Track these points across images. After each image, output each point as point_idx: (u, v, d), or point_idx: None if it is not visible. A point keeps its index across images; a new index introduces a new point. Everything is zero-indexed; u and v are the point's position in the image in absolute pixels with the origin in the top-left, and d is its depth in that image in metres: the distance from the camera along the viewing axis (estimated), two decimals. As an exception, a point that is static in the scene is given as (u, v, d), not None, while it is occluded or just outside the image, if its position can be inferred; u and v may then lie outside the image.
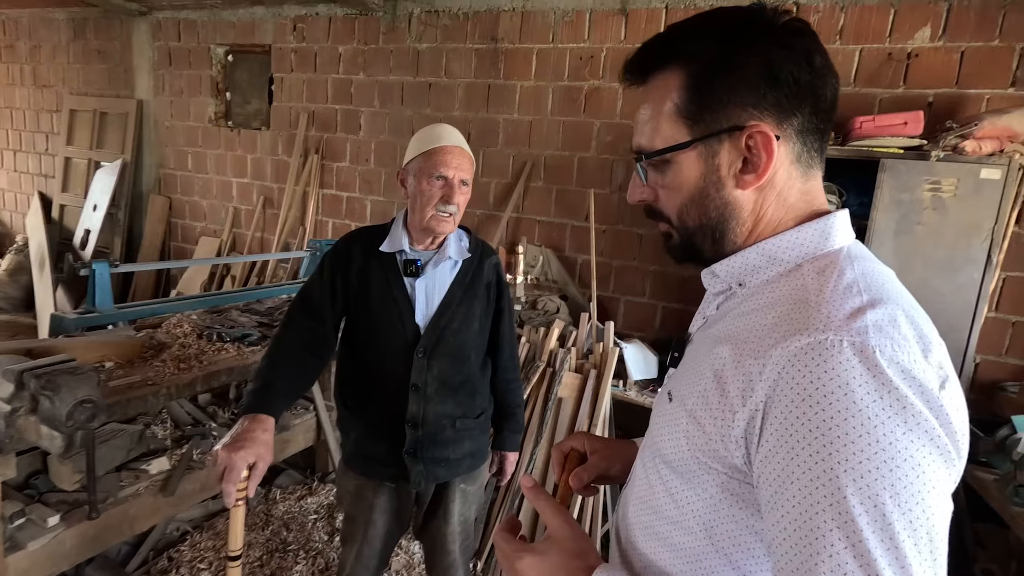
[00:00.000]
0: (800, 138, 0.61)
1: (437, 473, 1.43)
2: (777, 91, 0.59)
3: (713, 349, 0.61)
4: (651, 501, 0.68)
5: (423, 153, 1.34)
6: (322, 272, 1.40)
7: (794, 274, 0.61)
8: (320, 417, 2.50)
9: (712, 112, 0.61)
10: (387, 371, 1.38)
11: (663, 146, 0.64)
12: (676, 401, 0.65)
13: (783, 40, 0.59)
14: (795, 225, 0.63)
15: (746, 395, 0.55)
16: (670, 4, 2.89)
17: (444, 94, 3.47)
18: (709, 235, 0.66)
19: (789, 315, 0.56)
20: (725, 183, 0.63)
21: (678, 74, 0.62)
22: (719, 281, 0.69)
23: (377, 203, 3.79)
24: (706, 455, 0.59)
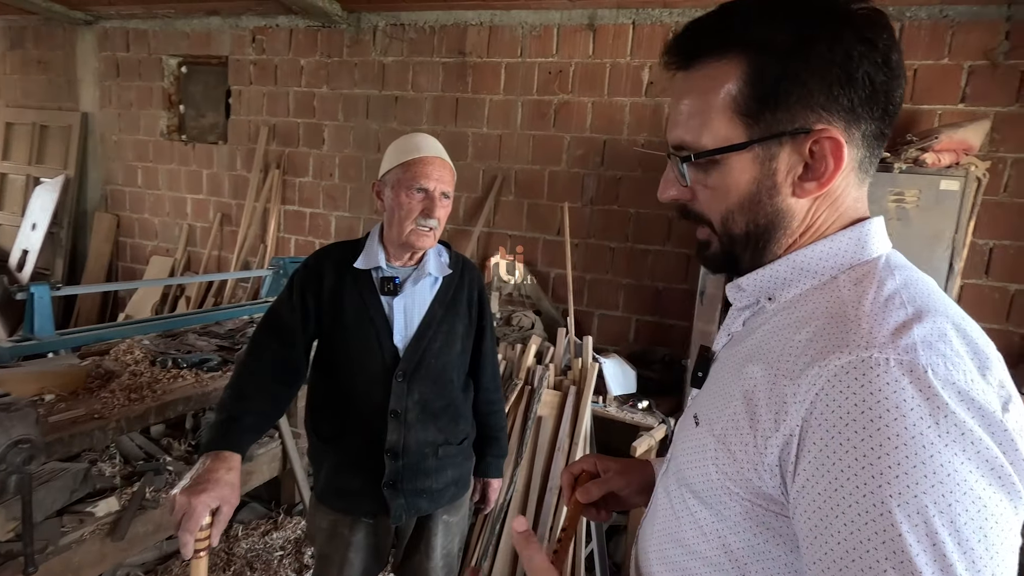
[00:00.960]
0: (866, 143, 0.55)
1: (419, 505, 1.34)
2: (852, 92, 0.52)
3: (742, 369, 0.57)
4: (676, 534, 0.63)
5: (402, 164, 1.26)
6: (291, 291, 1.31)
7: (829, 286, 0.56)
8: (286, 445, 2.35)
9: (776, 111, 0.54)
10: (364, 397, 1.29)
11: (715, 146, 0.56)
12: (703, 425, 0.60)
13: (863, 34, 0.52)
14: (833, 232, 0.58)
15: (779, 419, 0.50)
16: (637, 20, 2.92)
17: (411, 108, 3.41)
18: (752, 244, 0.59)
19: (825, 331, 0.51)
20: (781, 190, 0.56)
21: (738, 63, 0.54)
22: (745, 295, 0.63)
23: (342, 219, 3.67)
24: (737, 484, 0.54)
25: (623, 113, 3.01)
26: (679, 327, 3.02)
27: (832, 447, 0.46)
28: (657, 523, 0.67)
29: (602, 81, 3.02)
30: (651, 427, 2.23)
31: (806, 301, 0.57)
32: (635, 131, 3.00)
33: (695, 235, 0.66)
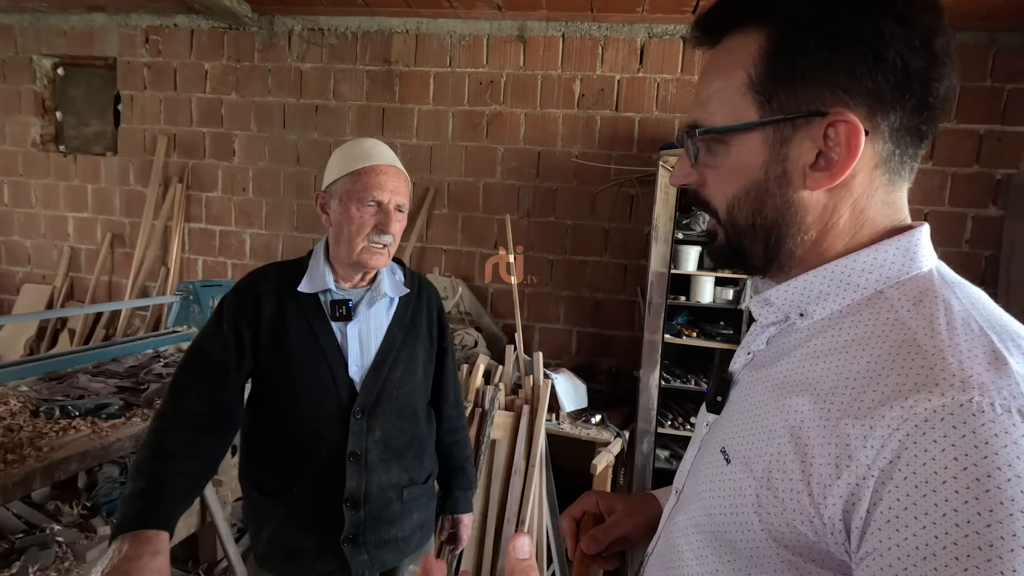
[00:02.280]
0: (894, 138, 0.49)
1: (384, 559, 1.18)
2: (879, 75, 0.46)
3: (784, 400, 0.49)
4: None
5: (351, 173, 1.12)
6: (220, 323, 1.11)
7: (876, 304, 0.49)
8: (205, 495, 2.06)
9: (791, 90, 0.48)
10: (316, 441, 1.12)
11: (723, 123, 0.51)
12: (736, 464, 0.51)
13: (902, 11, 0.46)
14: (871, 243, 0.51)
15: (841, 464, 0.42)
16: (567, 33, 2.93)
17: (333, 117, 3.20)
18: (761, 239, 0.53)
19: (895, 362, 0.44)
20: (791, 178, 0.50)
21: (757, 36, 0.49)
22: (773, 311, 0.56)
23: (258, 237, 3.36)
24: (787, 538, 0.46)
25: (556, 125, 2.99)
26: (620, 337, 3.03)
27: (924, 509, 0.38)
28: (675, 570, 0.58)
29: (534, 93, 2.99)
30: (607, 442, 2.18)
31: (852, 320, 0.50)
32: (569, 143, 2.99)
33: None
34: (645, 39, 2.87)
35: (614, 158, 2.93)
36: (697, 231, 2.51)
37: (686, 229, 2.52)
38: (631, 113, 2.92)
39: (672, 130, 2.88)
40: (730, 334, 2.57)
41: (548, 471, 2.18)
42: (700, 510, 0.55)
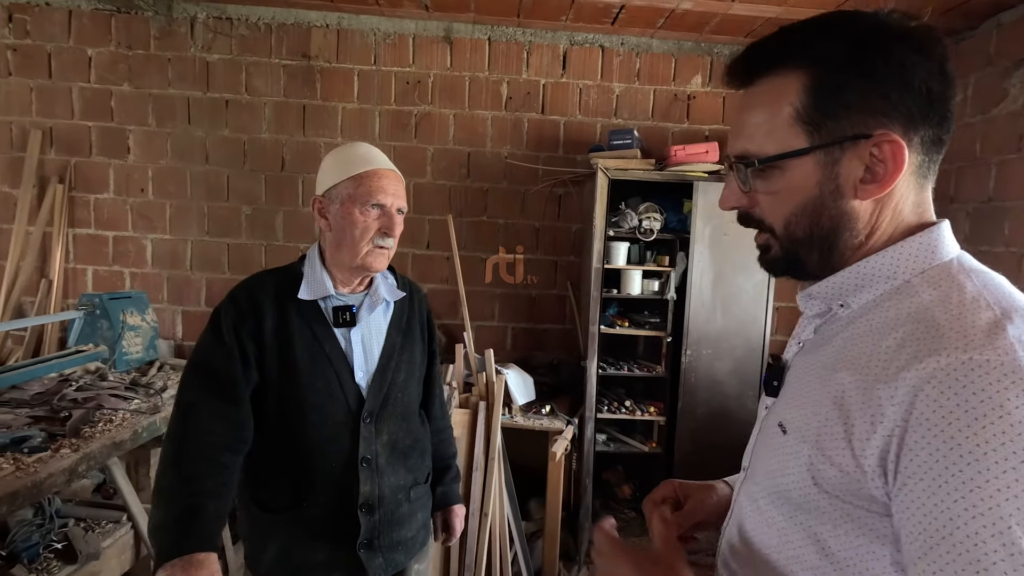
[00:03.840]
0: (924, 148, 0.58)
1: (397, 560, 1.19)
2: (909, 99, 0.56)
3: (830, 377, 0.59)
4: (769, 542, 0.63)
5: (352, 178, 1.11)
6: (220, 336, 1.05)
7: (904, 291, 0.58)
8: (140, 528, 1.88)
9: (836, 118, 0.57)
10: (326, 449, 1.10)
11: (777, 152, 0.59)
12: (792, 434, 0.61)
13: (918, 45, 0.56)
14: (901, 239, 0.60)
15: (876, 421, 0.52)
16: (492, 37, 3.00)
17: (246, 113, 3.00)
18: (817, 247, 0.61)
19: (914, 335, 0.53)
20: (844, 192, 0.59)
21: (798, 76, 0.58)
22: (816, 303, 0.65)
23: (162, 243, 3.06)
24: (838, 489, 0.55)
25: (485, 126, 3.05)
26: (553, 331, 3.17)
27: (935, 446, 0.47)
28: (749, 534, 0.67)
29: (462, 94, 3.03)
30: (560, 430, 2.30)
31: (883, 306, 0.59)
32: (498, 144, 3.06)
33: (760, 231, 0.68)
34: (567, 46, 3.02)
35: (542, 159, 3.06)
36: (626, 228, 2.70)
37: (615, 227, 2.71)
38: (556, 116, 3.06)
39: (594, 133, 3.06)
40: (656, 322, 2.80)
41: (505, 462, 2.25)
42: (764, 476, 0.65)
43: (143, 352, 2.43)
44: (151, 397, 2.02)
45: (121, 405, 1.89)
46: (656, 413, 2.74)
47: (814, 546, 0.58)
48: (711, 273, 2.66)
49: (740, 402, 2.72)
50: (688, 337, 2.67)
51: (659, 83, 3.06)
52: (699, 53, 3.04)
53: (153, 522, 0.90)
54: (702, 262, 2.65)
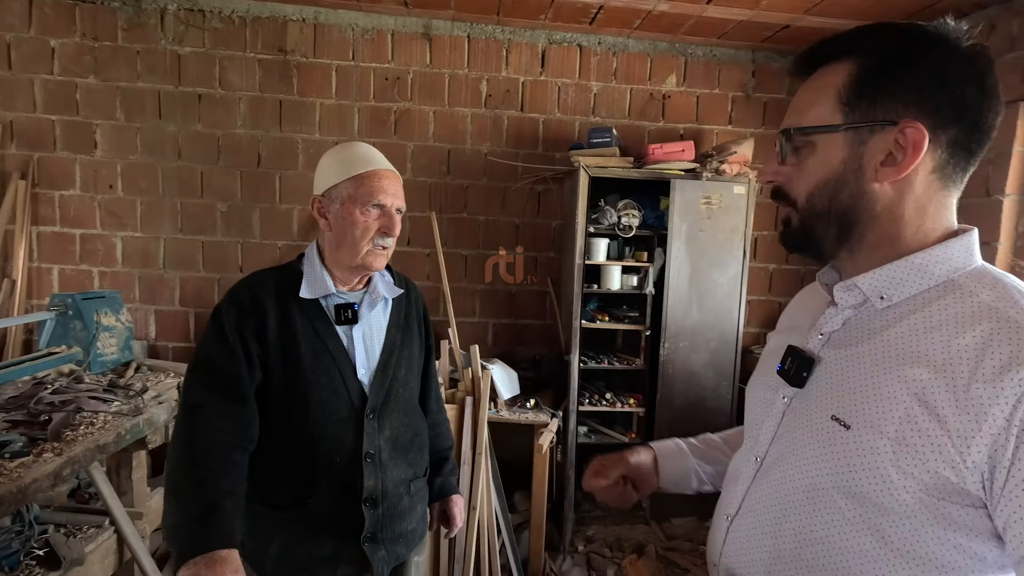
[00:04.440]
0: (949, 149, 0.62)
1: (399, 552, 1.21)
2: (941, 97, 0.60)
3: (900, 371, 0.61)
4: (818, 537, 0.65)
5: (353, 178, 1.13)
6: (222, 335, 1.06)
7: (954, 290, 0.62)
8: (123, 532, 1.85)
9: (870, 102, 0.62)
10: (332, 446, 1.11)
11: (813, 124, 0.66)
12: (861, 428, 0.62)
13: (962, 54, 0.61)
14: (941, 239, 0.65)
15: (980, 419, 0.55)
16: (472, 34, 3.01)
17: (220, 108, 2.94)
18: (835, 223, 0.66)
19: (999, 335, 0.57)
20: (864, 172, 0.63)
21: (848, 65, 0.64)
22: (855, 294, 0.68)
23: (133, 241, 2.98)
24: (923, 483, 0.58)
25: (465, 123, 3.07)
26: (533, 326, 3.22)
27: None
28: (780, 526, 0.69)
29: (442, 91, 3.03)
30: (546, 423, 2.34)
31: (938, 303, 0.62)
32: (478, 141, 3.08)
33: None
34: (546, 45, 3.05)
35: (521, 156, 3.09)
36: (605, 224, 2.76)
37: (595, 223, 2.76)
38: (535, 114, 3.09)
39: (573, 131, 3.11)
40: (635, 316, 2.88)
41: (492, 456, 2.29)
42: (817, 472, 0.65)
43: (118, 353, 2.37)
44: (131, 399, 1.98)
45: (101, 407, 1.85)
46: (636, 404, 2.82)
47: (873, 535, 0.61)
48: (688, 268, 2.74)
49: (716, 392, 2.82)
50: (666, 331, 2.75)
51: (635, 82, 3.12)
52: (673, 54, 3.12)
53: (169, 521, 0.90)
54: (679, 258, 2.73)
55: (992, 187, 2.34)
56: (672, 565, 2.60)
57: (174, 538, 0.87)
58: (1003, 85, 0.66)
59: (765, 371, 0.83)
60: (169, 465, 0.97)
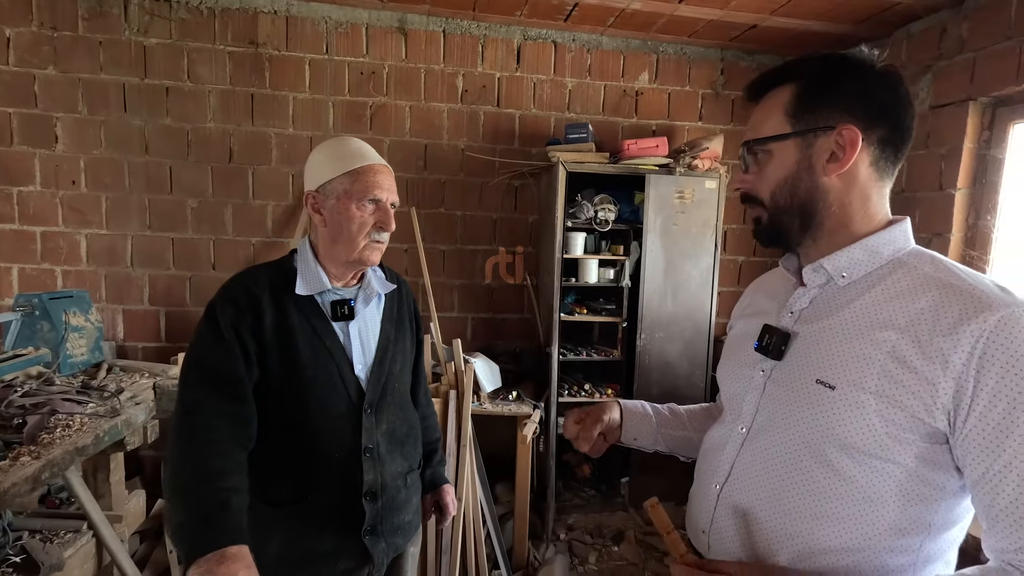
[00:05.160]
0: (880, 146, 0.77)
1: (397, 544, 1.23)
2: (866, 105, 0.75)
3: (872, 335, 0.72)
4: (815, 488, 0.74)
5: (349, 173, 1.13)
6: (219, 333, 1.05)
7: (902, 267, 0.75)
8: (102, 536, 1.81)
9: (812, 113, 0.76)
10: (331, 441, 1.12)
11: (768, 135, 0.79)
12: (846, 388, 0.72)
13: (877, 72, 0.76)
14: (884, 225, 0.79)
15: (944, 366, 0.65)
16: (447, 29, 3.01)
17: (189, 101, 2.87)
18: (798, 215, 0.79)
19: (949, 299, 0.68)
20: (815, 169, 0.77)
21: (790, 87, 0.79)
22: (820, 275, 0.81)
23: (99, 239, 2.88)
24: (904, 429, 0.68)
25: (441, 118, 3.07)
26: (512, 320, 3.25)
27: (1007, 376, 0.63)
28: (774, 486, 0.78)
29: (418, 86, 3.02)
30: (529, 415, 2.38)
31: (891, 277, 0.75)
32: (455, 136, 3.09)
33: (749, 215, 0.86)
34: (521, 41, 3.08)
35: (498, 151, 3.11)
36: (582, 219, 2.81)
37: (573, 218, 2.81)
38: (512, 110, 3.12)
39: (549, 127, 3.15)
40: (612, 308, 2.94)
41: (476, 448, 2.32)
42: (808, 432, 0.75)
43: (88, 354, 2.30)
44: (107, 400, 1.93)
45: (76, 410, 1.80)
46: (613, 395, 2.89)
47: (861, 479, 0.71)
48: (662, 261, 2.82)
49: (690, 381, 2.92)
50: (642, 322, 2.82)
51: (609, 79, 3.18)
52: (645, 51, 3.18)
53: (175, 520, 0.90)
54: (654, 251, 2.80)
55: (945, 182, 2.49)
56: (651, 549, 2.69)
57: (181, 537, 0.87)
58: (953, 85, 0.79)
59: (737, 352, 0.93)
60: (170, 465, 0.96)
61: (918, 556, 0.72)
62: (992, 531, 0.67)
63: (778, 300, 0.88)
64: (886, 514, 0.71)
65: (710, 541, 0.87)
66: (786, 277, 0.90)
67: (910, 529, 0.71)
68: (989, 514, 0.66)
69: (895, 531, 0.71)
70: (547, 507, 2.66)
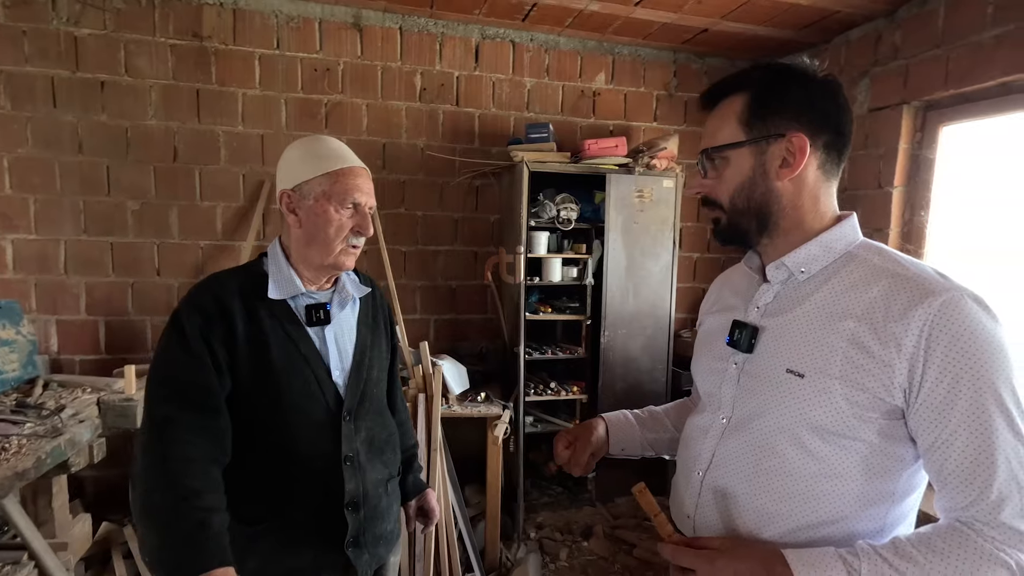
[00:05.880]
0: (825, 151, 0.83)
1: (379, 554, 1.19)
2: (812, 113, 0.81)
3: (833, 325, 0.78)
4: (791, 469, 0.80)
5: (327, 174, 1.09)
6: (186, 344, 0.98)
7: (853, 260, 0.82)
8: (45, 565, 1.67)
9: (763, 122, 0.82)
10: (309, 450, 1.08)
11: (724, 143, 0.84)
12: (814, 375, 0.78)
13: (820, 81, 0.83)
14: (834, 223, 0.85)
15: (900, 348, 0.73)
16: (404, 27, 2.96)
17: (127, 97, 2.69)
18: (754, 217, 0.85)
19: (897, 286, 0.75)
20: (769, 174, 0.83)
21: (742, 97, 0.84)
22: (784, 271, 0.86)
23: (27, 244, 2.66)
24: (867, 409, 0.74)
25: (400, 117, 3.01)
26: (475, 321, 3.23)
27: (952, 352, 0.70)
28: (755, 471, 0.83)
29: (375, 84, 2.96)
30: (499, 415, 2.37)
31: (845, 269, 0.82)
32: (414, 135, 3.04)
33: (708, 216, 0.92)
34: (479, 39, 3.06)
35: (458, 151, 3.08)
36: (545, 218, 2.83)
37: (536, 217, 2.82)
38: (471, 108, 3.10)
39: (509, 127, 3.15)
40: (576, 306, 2.97)
41: (446, 451, 2.29)
42: (782, 418, 0.80)
43: (20, 370, 2.12)
44: (46, 419, 1.79)
45: (12, 430, 1.66)
46: (579, 392, 2.92)
47: (832, 458, 0.77)
48: (624, 259, 2.87)
49: (652, 375, 2.98)
50: (606, 319, 2.87)
51: (567, 79, 3.21)
52: (602, 52, 3.23)
53: (152, 544, 0.83)
54: (616, 249, 2.85)
55: (883, 180, 2.65)
56: (619, 542, 2.73)
57: (161, 561, 0.81)
58: (888, 89, 0.87)
59: (709, 347, 0.98)
60: (141, 486, 0.89)
61: (884, 522, 0.79)
62: (942, 493, 0.74)
63: (743, 296, 0.95)
64: (855, 487, 0.77)
65: (696, 525, 0.92)
66: (749, 274, 0.96)
67: (876, 499, 0.78)
68: (939, 478, 0.73)
69: (864, 502, 0.78)
70: (517, 507, 2.66)
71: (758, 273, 0.92)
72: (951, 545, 0.69)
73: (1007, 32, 2.15)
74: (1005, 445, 0.69)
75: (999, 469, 0.68)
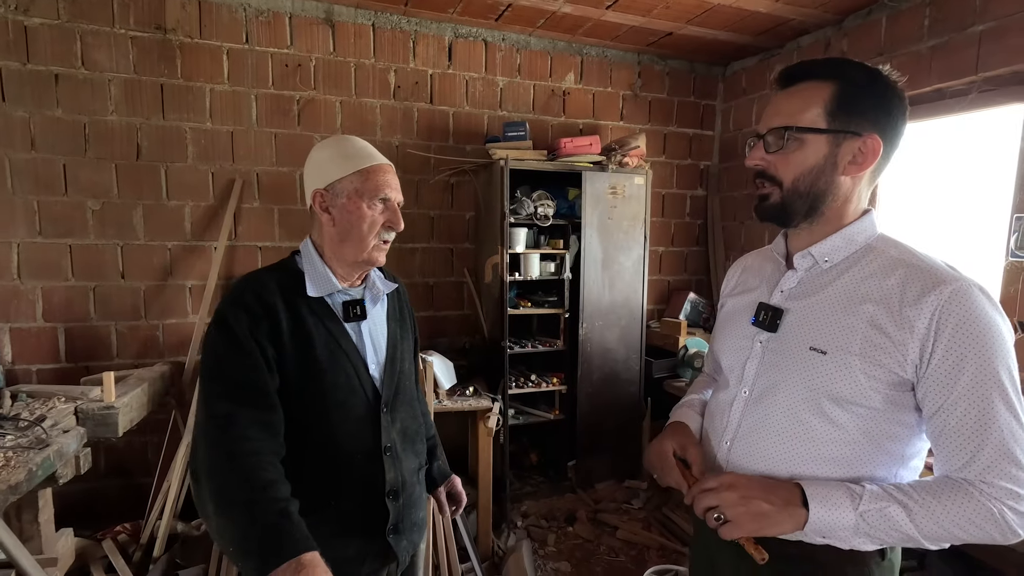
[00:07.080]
0: (883, 158, 0.89)
1: (414, 540, 1.23)
2: (887, 121, 0.87)
3: (855, 308, 0.87)
4: (805, 433, 0.90)
5: (359, 172, 1.11)
6: (235, 342, 0.99)
7: (872, 251, 0.90)
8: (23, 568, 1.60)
9: (847, 116, 0.86)
10: (352, 443, 1.10)
11: (806, 126, 0.88)
12: (836, 352, 0.87)
13: (897, 92, 0.88)
14: (859, 216, 0.93)
15: (913, 330, 0.82)
16: (377, 23, 2.94)
17: (85, 91, 2.55)
18: (809, 201, 0.91)
19: (912, 275, 0.84)
20: (837, 167, 0.88)
21: (830, 85, 0.87)
22: (808, 260, 0.95)
23: (-25, 247, 2.48)
24: (882, 381, 0.84)
25: (375, 114, 3.00)
26: (452, 316, 3.26)
27: (957, 336, 0.79)
28: (776, 438, 0.92)
29: (348, 80, 2.93)
30: (488, 408, 2.43)
31: (866, 259, 0.90)
32: (388, 132, 3.03)
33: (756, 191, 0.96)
34: (452, 38, 3.09)
35: (433, 148, 3.10)
36: (523, 214, 2.89)
37: (514, 213, 2.88)
38: (445, 107, 3.12)
39: (483, 125, 3.19)
40: (554, 300, 3.06)
41: (439, 446, 2.32)
42: (805, 390, 0.89)
43: (-17, 382, 1.99)
44: (26, 430, 1.70)
45: (-6, 444, 1.57)
46: (559, 383, 3.01)
47: (851, 425, 0.87)
48: (600, 254, 2.98)
49: (626, 364, 3.12)
50: (583, 312, 2.97)
51: (538, 78, 3.28)
52: (571, 53, 3.32)
53: (234, 535, 0.84)
54: (592, 244, 2.96)
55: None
56: (602, 525, 2.85)
57: (248, 553, 0.82)
58: None
59: (733, 326, 1.06)
60: (213, 480, 0.89)
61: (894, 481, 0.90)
62: (940, 454, 0.85)
63: (767, 280, 1.03)
64: (870, 449, 0.88)
65: None
66: (775, 260, 1.04)
67: (888, 461, 0.88)
68: (939, 440, 0.84)
69: (878, 463, 0.88)
70: (504, 497, 2.72)
71: (783, 260, 1.00)
72: (945, 490, 0.81)
73: (941, 43, 2.40)
74: (999, 417, 0.78)
75: (992, 436, 0.78)
